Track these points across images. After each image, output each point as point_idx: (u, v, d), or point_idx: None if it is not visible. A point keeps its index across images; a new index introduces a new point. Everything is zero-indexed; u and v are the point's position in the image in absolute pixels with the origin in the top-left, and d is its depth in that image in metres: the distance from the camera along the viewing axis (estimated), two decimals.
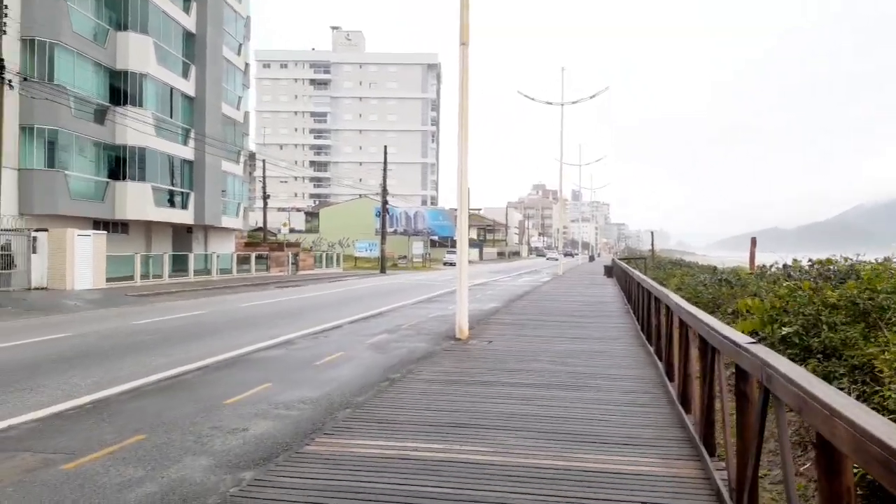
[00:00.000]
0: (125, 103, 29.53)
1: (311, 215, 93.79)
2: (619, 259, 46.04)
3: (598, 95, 38.64)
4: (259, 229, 72.15)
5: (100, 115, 28.78)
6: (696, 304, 16.52)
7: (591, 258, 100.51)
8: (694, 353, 6.58)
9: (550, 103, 39.77)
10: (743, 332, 8.41)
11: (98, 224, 30.49)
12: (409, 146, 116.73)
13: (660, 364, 9.41)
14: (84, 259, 24.16)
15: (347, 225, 79.37)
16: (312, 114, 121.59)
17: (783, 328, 7.83)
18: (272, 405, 7.41)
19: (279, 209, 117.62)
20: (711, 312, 14.16)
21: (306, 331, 13.90)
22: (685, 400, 6.93)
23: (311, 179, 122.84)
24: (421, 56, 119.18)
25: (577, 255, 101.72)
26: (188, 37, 34.19)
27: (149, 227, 34.22)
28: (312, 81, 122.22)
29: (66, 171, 26.70)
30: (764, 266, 13.88)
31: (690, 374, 6.94)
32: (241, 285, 29.86)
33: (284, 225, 40.19)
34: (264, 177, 55.52)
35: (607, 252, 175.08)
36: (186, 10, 33.98)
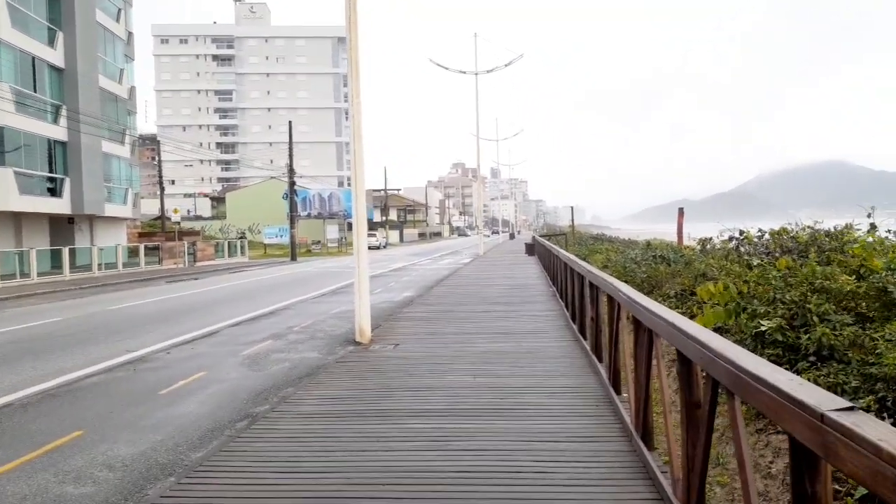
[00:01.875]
0: None
1: (217, 200, 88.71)
2: (540, 236, 44.90)
3: (514, 63, 36.90)
4: (159, 217, 67.17)
5: None
6: (626, 283, 14.97)
7: (512, 236, 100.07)
8: (663, 372, 4.67)
9: (464, 72, 37.74)
10: (706, 326, 6.65)
11: None
12: (321, 124, 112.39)
13: (601, 367, 7.57)
14: None
15: (257, 210, 75.33)
16: (217, 92, 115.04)
17: (760, 322, 6.08)
18: (59, 477, 5.02)
19: (185, 195, 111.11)
20: (647, 294, 12.57)
21: (172, 341, 11.35)
22: (646, 432, 5.04)
23: (219, 162, 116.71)
24: (330, 29, 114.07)
25: (499, 232, 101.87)
26: None
27: (18, 219, 30.04)
28: (215, 57, 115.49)
29: None
30: (706, 239, 12.35)
31: (651, 395, 5.08)
32: (125, 282, 26.50)
33: (175, 211, 36.50)
34: (159, 160, 51.03)
35: (527, 229, 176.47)
36: None
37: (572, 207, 47.51)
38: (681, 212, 20.73)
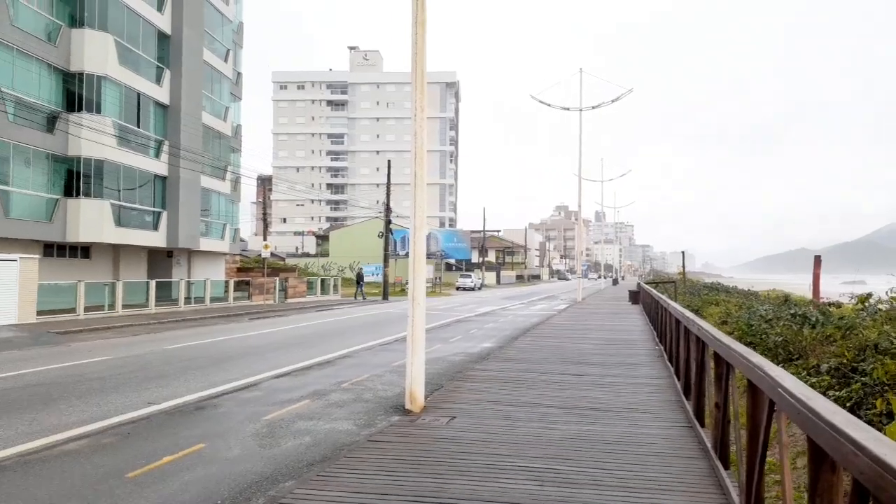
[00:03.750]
0: (80, 109, 26.01)
1: (322, 238, 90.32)
2: (646, 283, 41.43)
3: (622, 98, 34.45)
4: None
5: (48, 123, 25.27)
6: (752, 346, 12.10)
7: (615, 281, 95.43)
8: None
9: (567, 109, 35.67)
10: None
11: (51, 248, 26.92)
12: (427, 167, 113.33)
13: (728, 483, 5.15)
14: (6, 289, 20.38)
15: (358, 248, 75.94)
16: (329, 135, 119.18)
17: None
18: None
19: (295, 233, 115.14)
20: (784, 363, 9.80)
21: (201, 393, 9.78)
22: None
23: (328, 202, 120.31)
24: (439, 75, 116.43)
25: (604, 277, 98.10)
26: (162, 38, 30.76)
27: (116, 251, 30.59)
28: (329, 102, 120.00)
29: (1, 186, 23.14)
30: (866, 296, 9.48)
31: None
32: (208, 317, 25.94)
33: (266, 247, 36.31)
34: (265, 199, 51.93)
35: (632, 275, 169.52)
36: (159, 8, 30.55)
37: (683, 252, 43.68)
38: (818, 261, 17.44)
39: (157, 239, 30.68)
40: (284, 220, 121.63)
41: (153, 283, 27.46)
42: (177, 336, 18.67)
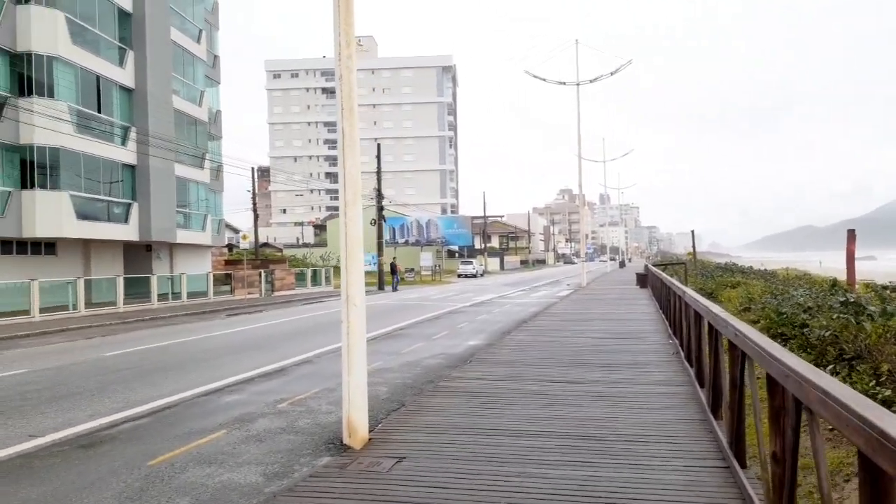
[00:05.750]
0: (31, 93, 23.90)
1: (320, 228, 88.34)
2: (654, 265, 39.25)
3: (621, 70, 32.12)
4: (265, 245, 66.69)
5: None
6: (783, 338, 10.00)
7: (622, 264, 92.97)
8: None
9: (563, 83, 33.36)
10: None
11: (10, 245, 24.94)
12: (426, 153, 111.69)
13: None
14: None
15: None
16: (326, 124, 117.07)
17: None
18: None
19: (295, 224, 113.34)
20: (834, 364, 7.70)
21: (97, 422, 7.72)
22: None
23: (328, 191, 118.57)
24: (435, 59, 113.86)
25: (613, 259, 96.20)
26: (123, 17, 28.52)
27: (86, 247, 28.58)
28: (324, 90, 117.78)
29: None
30: None
31: None
32: (181, 315, 23.94)
33: (244, 238, 34.07)
34: (254, 189, 49.75)
35: (639, 256, 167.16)
36: None
37: (693, 232, 41.43)
38: (851, 235, 15.20)
39: (128, 232, 28.64)
40: (284, 211, 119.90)
41: (121, 280, 25.45)
42: (131, 339, 16.65)
